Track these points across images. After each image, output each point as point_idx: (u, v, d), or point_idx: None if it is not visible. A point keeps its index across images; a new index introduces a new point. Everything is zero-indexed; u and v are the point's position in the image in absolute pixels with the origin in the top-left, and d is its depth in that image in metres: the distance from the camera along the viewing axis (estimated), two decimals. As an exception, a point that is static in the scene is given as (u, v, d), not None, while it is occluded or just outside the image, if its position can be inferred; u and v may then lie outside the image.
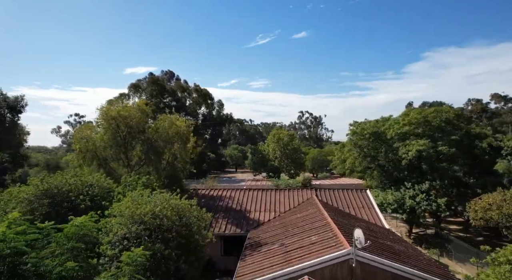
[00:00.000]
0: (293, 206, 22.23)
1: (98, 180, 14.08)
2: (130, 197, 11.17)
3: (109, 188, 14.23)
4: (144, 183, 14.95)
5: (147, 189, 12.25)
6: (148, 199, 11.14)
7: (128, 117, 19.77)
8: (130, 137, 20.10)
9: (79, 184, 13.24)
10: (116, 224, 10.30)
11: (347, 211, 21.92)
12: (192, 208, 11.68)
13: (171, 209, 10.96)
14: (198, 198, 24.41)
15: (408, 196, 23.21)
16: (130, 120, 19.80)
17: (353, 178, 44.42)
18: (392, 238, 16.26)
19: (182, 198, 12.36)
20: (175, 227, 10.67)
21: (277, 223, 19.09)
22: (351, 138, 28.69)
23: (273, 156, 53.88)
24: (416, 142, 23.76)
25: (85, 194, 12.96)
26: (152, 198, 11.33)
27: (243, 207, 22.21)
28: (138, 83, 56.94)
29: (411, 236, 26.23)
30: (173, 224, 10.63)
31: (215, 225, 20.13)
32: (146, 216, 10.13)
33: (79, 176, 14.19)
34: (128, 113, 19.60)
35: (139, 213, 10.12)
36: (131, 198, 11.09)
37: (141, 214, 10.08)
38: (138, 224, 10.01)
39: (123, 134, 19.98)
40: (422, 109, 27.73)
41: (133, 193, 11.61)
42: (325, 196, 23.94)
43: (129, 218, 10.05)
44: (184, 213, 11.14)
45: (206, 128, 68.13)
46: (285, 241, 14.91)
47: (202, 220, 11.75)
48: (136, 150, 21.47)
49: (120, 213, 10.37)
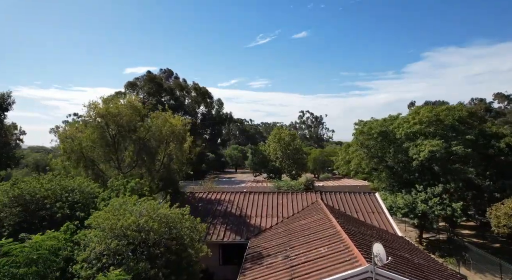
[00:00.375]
0: (297, 210, 20.65)
1: (80, 184, 12.49)
2: (111, 206, 9.58)
3: (93, 193, 12.64)
4: (133, 188, 13.37)
5: (134, 196, 10.64)
6: (133, 208, 9.58)
7: (118, 114, 18.21)
8: (121, 137, 18.54)
9: (57, 190, 11.66)
10: (94, 238, 8.75)
11: (355, 216, 20.33)
12: (184, 218, 10.10)
13: (159, 219, 9.41)
14: (195, 201, 22.89)
15: (420, 199, 21.63)
16: (120, 118, 18.24)
17: (357, 179, 42.88)
18: (409, 249, 14.67)
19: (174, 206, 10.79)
20: (163, 241, 9.11)
21: (280, 231, 17.49)
22: (358, 138, 27.08)
23: (274, 157, 52.29)
24: (428, 142, 22.16)
25: (64, 201, 11.40)
26: (138, 206, 9.75)
27: (243, 212, 20.65)
28: (135, 81, 55.32)
29: (422, 242, 24.67)
30: (161, 237, 9.07)
31: (212, 232, 18.57)
32: (129, 229, 8.57)
33: (59, 180, 12.58)
34: (118, 111, 18.03)
35: (121, 226, 8.56)
36: (112, 207, 9.49)
37: (123, 227, 8.51)
38: (119, 239, 8.44)
39: (113, 133, 18.44)
40: (433, 107, 26.16)
41: (114, 201, 10.00)
42: (331, 199, 22.36)
43: (108, 232, 8.49)
44: (174, 224, 9.57)
45: (205, 127, 66.55)
46: (289, 252, 13.31)
47: (196, 232, 10.18)
48: (129, 150, 19.92)
49: (98, 225, 8.81)
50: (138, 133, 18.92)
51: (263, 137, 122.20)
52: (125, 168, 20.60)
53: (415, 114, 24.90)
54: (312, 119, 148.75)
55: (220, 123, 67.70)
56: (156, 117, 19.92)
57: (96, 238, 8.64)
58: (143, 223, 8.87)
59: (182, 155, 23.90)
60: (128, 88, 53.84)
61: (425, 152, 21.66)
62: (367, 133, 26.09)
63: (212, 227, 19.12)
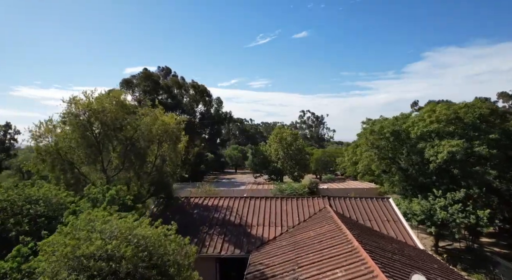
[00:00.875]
0: (303, 218, 18.49)
1: (45, 193, 10.33)
2: (71, 225, 7.41)
3: (63, 204, 10.51)
4: (113, 196, 11.23)
5: (104, 212, 8.45)
6: (103, 227, 7.44)
7: (102, 111, 16.10)
8: (105, 136, 16.42)
9: (15, 200, 9.54)
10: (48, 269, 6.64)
11: (368, 225, 18.17)
12: (168, 239, 7.95)
13: (135, 242, 7.29)
14: (190, 208, 20.74)
15: (438, 206, 19.48)
16: (104, 115, 16.12)
17: (363, 181, 40.74)
18: (438, 268, 12.56)
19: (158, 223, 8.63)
20: (140, 270, 7.01)
21: (285, 243, 15.32)
22: (367, 138, 24.93)
23: (276, 157, 50.10)
24: (447, 142, 20.02)
25: (24, 215, 9.30)
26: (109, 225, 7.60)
27: (243, 220, 18.51)
28: (130, 79, 53.10)
29: (439, 251, 22.52)
30: (137, 266, 6.95)
31: (209, 244, 16.45)
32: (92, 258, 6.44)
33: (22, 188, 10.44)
34: (102, 107, 15.91)
35: (81, 254, 6.45)
36: (73, 227, 7.34)
37: (83, 256, 6.39)
38: (77, 272, 6.33)
39: (97, 132, 16.33)
40: (449, 104, 24.02)
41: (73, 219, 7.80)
42: (340, 206, 20.22)
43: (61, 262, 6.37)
44: (155, 249, 7.45)
45: (204, 127, 64.35)
46: (298, 274, 11.18)
47: (185, 256, 8.03)
48: (116, 151, 17.79)
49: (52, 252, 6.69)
50: (124, 132, 16.80)
51: (263, 137, 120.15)
52: (112, 171, 18.47)
53: (431, 112, 22.74)
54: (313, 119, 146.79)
55: (219, 123, 65.50)
56: (145, 114, 17.77)
57: (49, 269, 6.53)
58: (113, 248, 6.75)
59: (176, 157, 21.76)
60: (124, 85, 51.62)
61: (444, 153, 19.51)
62: (379, 133, 23.96)
63: (208, 237, 17.02)
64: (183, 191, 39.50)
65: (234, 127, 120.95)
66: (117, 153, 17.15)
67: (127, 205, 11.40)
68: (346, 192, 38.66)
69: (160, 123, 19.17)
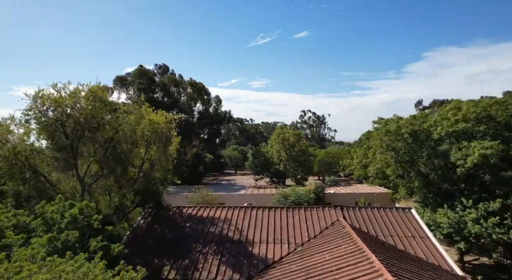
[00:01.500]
0: (314, 234, 15.76)
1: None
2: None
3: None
4: (74, 217, 8.50)
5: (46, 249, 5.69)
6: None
7: (75, 108, 13.45)
8: (80, 137, 13.75)
9: None
10: None
11: (390, 241, 15.45)
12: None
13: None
14: (182, 220, 18.03)
15: (470, 218, 16.79)
16: (77, 112, 13.47)
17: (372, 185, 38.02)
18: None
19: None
20: None
21: (294, 268, 12.59)
22: (382, 139, 22.22)
23: (278, 159, 47.30)
24: (479, 143, 17.33)
25: None
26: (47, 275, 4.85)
27: (244, 236, 15.83)
28: (124, 76, 50.33)
29: (466, 268, 19.83)
30: None
31: (202, 266, 13.75)
32: None
33: None
34: (74, 102, 13.25)
35: None
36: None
37: None
38: None
39: (69, 132, 13.65)
40: (476, 101, 21.33)
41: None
42: (355, 217, 17.55)
43: None
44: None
45: (203, 126, 61.60)
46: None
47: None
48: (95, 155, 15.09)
49: None
50: (103, 132, 14.12)
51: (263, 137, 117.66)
52: (91, 178, 15.74)
53: (456, 110, 20.05)
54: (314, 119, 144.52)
55: (218, 122, 62.74)
56: (128, 112, 15.07)
57: None
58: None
59: (167, 161, 19.07)
60: (117, 83, 48.86)
61: (475, 157, 16.81)
62: (395, 133, 21.30)
63: (202, 258, 14.35)
64: (178, 195, 36.70)
65: (234, 127, 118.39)
66: (93, 157, 14.46)
67: (93, 227, 8.74)
68: (354, 198, 35.97)
69: (147, 122, 16.50)
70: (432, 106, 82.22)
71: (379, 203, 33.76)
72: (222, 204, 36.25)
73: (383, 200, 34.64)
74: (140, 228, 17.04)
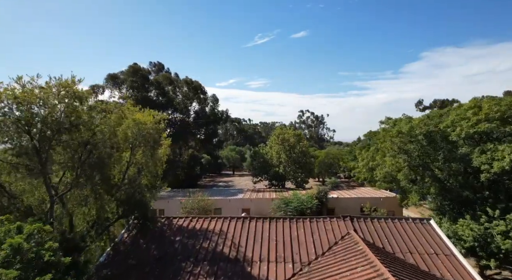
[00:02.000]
0: (322, 250, 13.68)
1: None
2: None
3: None
4: (16, 247, 6.40)
5: None
6: None
7: (42, 105, 11.38)
8: (48, 141, 11.66)
9: None
10: None
11: (411, 260, 13.42)
12: None
13: None
14: (172, 234, 15.94)
15: (497, 231, 14.83)
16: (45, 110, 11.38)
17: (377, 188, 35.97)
18: None
19: None
20: None
21: (302, 296, 10.63)
22: (393, 141, 20.20)
23: (277, 161, 45.21)
24: (508, 146, 15.34)
25: None
26: None
27: (241, 253, 13.76)
28: (117, 74, 48.06)
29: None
30: None
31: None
32: None
33: None
34: (40, 99, 11.18)
35: None
36: None
37: None
38: None
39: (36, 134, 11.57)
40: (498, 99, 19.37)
41: None
42: (368, 229, 15.50)
43: None
44: None
45: (199, 127, 59.35)
46: None
47: None
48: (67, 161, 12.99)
49: None
50: (76, 134, 12.03)
51: (261, 137, 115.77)
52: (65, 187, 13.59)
53: (476, 109, 18.09)
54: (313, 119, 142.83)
55: (215, 122, 60.54)
56: (107, 111, 12.96)
57: None
58: None
59: (155, 166, 16.95)
60: (109, 81, 46.60)
61: (506, 162, 14.77)
62: (407, 134, 19.31)
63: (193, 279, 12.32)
64: (172, 200, 34.50)
65: (231, 127, 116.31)
66: (65, 163, 12.34)
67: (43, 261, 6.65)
68: (359, 202, 33.94)
69: (131, 123, 14.41)
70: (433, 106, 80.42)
71: (386, 208, 31.76)
72: (219, 209, 34.22)
73: (390, 205, 32.64)
74: (123, 243, 14.95)
